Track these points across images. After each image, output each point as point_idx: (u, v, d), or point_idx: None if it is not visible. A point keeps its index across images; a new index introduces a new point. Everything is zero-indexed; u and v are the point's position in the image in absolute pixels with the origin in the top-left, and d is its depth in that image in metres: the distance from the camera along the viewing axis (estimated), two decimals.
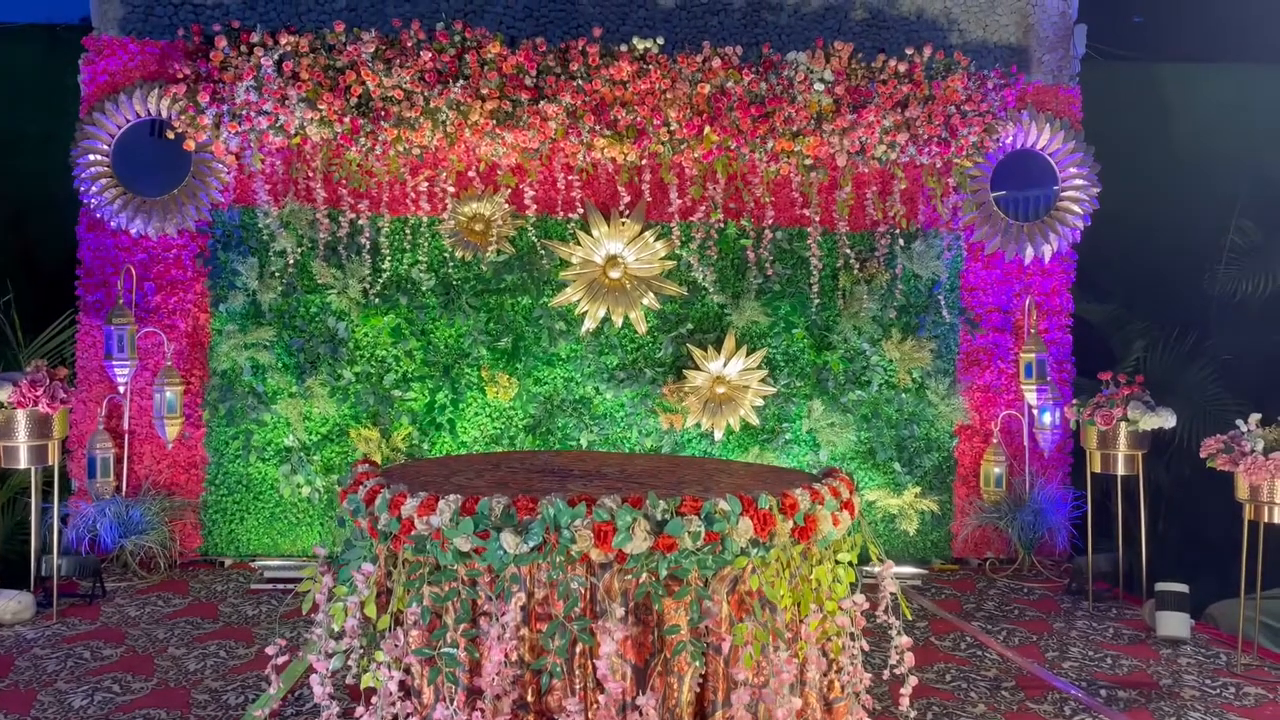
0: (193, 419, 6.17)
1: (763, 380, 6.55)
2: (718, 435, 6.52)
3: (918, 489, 6.59)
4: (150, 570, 5.85)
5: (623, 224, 6.45)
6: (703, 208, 6.45)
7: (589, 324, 6.46)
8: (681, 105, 6.06)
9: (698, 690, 2.86)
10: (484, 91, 5.91)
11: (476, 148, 6.18)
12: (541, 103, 5.95)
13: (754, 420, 6.56)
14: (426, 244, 6.34)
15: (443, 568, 2.81)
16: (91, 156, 6.13)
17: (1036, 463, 6.65)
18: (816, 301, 6.56)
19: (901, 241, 6.61)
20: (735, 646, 2.78)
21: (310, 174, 6.18)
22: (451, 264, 6.36)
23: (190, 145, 5.99)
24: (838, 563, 2.94)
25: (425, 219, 6.34)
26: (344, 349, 6.28)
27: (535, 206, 6.32)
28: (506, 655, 2.62)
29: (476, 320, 6.38)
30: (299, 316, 6.27)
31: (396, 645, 2.76)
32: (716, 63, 6.05)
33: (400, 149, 6.05)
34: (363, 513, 3.02)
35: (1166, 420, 5.46)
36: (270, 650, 3.17)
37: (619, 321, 6.50)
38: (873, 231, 6.62)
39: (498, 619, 2.65)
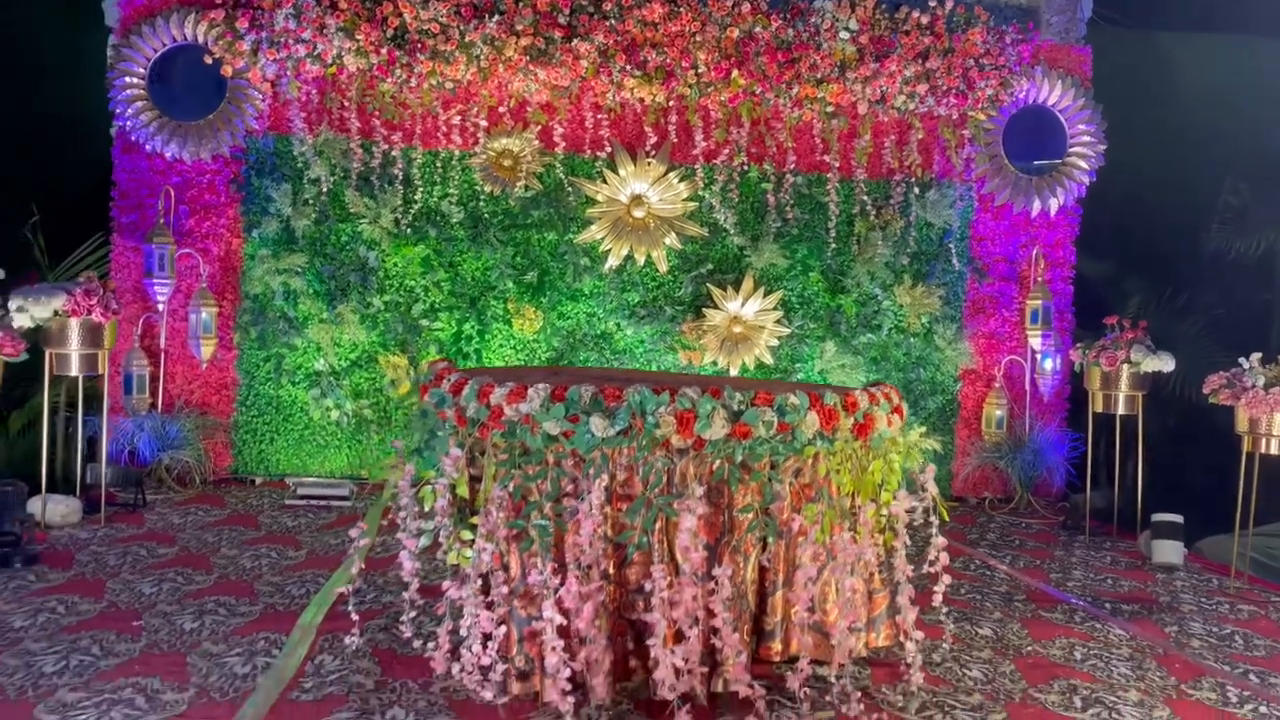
0: (224, 341, 6.32)
1: (778, 321, 6.78)
2: (733, 373, 6.75)
3: (922, 429, 6.85)
4: (185, 485, 6.02)
5: (648, 164, 6.62)
6: (726, 151, 6.64)
7: (612, 261, 6.65)
8: (710, 49, 6.22)
9: (759, 571, 3.11)
10: (518, 28, 6.04)
11: (509, 84, 6.31)
12: (574, 41, 6.10)
13: (768, 359, 6.80)
14: (457, 177, 6.48)
15: (530, 451, 3.02)
16: (127, 79, 6.20)
17: (1036, 406, 6.95)
18: (833, 246, 6.78)
19: (917, 190, 6.83)
20: (795, 532, 3.03)
21: (345, 104, 6.29)
22: (481, 198, 6.51)
23: (227, 71, 6.08)
24: (890, 461, 3.18)
25: (456, 153, 6.47)
26: (374, 278, 6.43)
27: (564, 144, 6.48)
28: (594, 529, 2.85)
29: (503, 254, 6.54)
30: (330, 244, 6.41)
31: (489, 521, 2.98)
32: (746, 7, 6.21)
33: (434, 82, 6.18)
34: (449, 403, 3.22)
35: (1166, 364, 5.75)
36: (354, 532, 3.38)
37: (641, 260, 6.69)
38: (889, 180, 6.84)
39: (586, 496, 2.87)
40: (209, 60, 6.06)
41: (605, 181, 6.61)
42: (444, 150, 6.46)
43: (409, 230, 6.43)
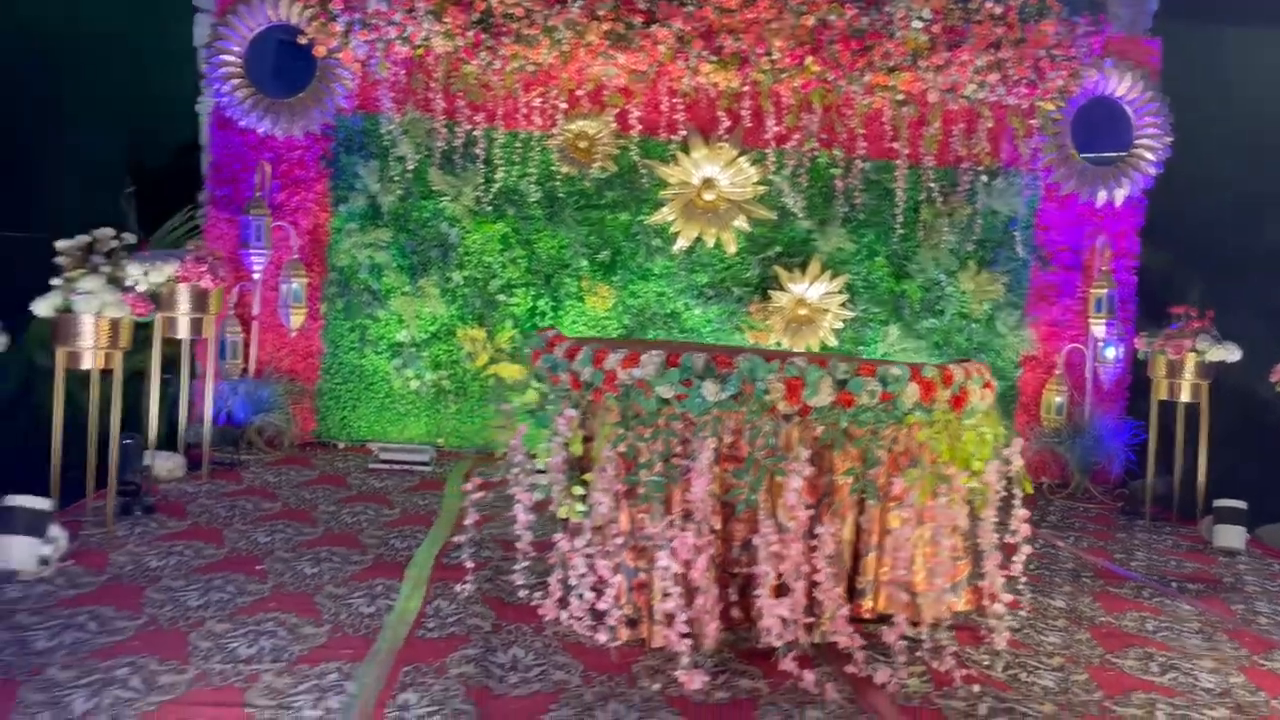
0: (311, 311, 6.59)
1: (842, 304, 6.93)
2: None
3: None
4: (274, 447, 6.30)
5: (720, 148, 6.79)
6: (796, 136, 6.78)
7: (682, 242, 6.84)
8: (785, 35, 6.37)
9: (854, 532, 3.30)
10: (599, 12, 6.23)
11: (588, 68, 6.50)
12: (653, 26, 6.27)
13: (832, 342, 6.95)
14: (536, 158, 6.68)
15: (642, 413, 3.23)
16: (224, 58, 6.47)
17: (1096, 394, 7.06)
18: (899, 232, 6.92)
19: (984, 178, 6.94)
20: (891, 496, 3.21)
21: (430, 85, 6.51)
22: (557, 179, 6.72)
23: (320, 51, 6.32)
24: (981, 432, 3.35)
25: (535, 134, 6.67)
26: (454, 253, 6.66)
27: (639, 127, 6.67)
28: (705, 487, 3.05)
29: (578, 233, 6.75)
30: (413, 220, 6.65)
31: (604, 478, 3.19)
32: None
33: (516, 65, 6.38)
34: (562, 368, 3.43)
35: (1231, 354, 5.85)
36: (468, 486, 3.62)
37: (710, 242, 6.87)
38: (956, 167, 6.95)
39: (697, 456, 3.08)
40: (303, 40, 6.31)
41: (678, 164, 6.78)
42: (523, 131, 6.67)
43: (489, 208, 6.65)
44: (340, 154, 6.62)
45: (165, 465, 5.34)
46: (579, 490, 3.38)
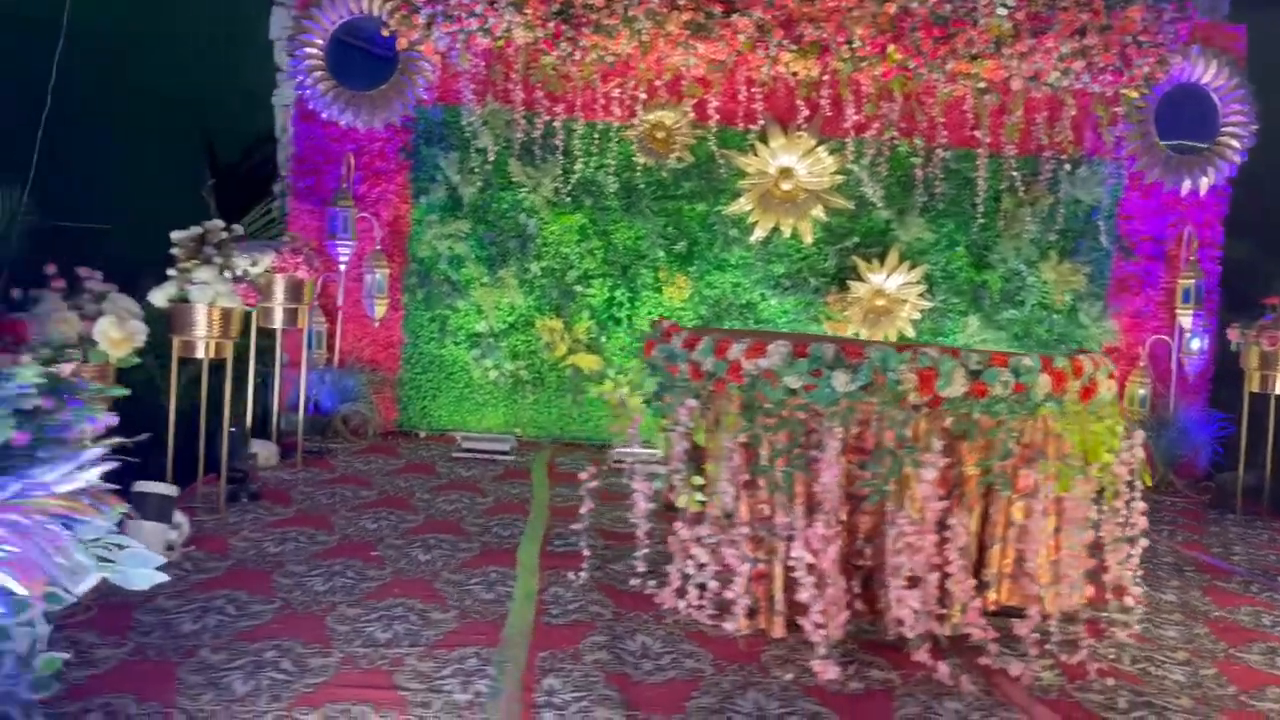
0: (391, 301, 6.65)
1: (920, 295, 6.87)
2: None
3: None
4: (359, 436, 6.38)
5: (799, 137, 6.75)
6: (876, 125, 6.73)
7: (759, 233, 6.82)
8: (866, 23, 6.32)
9: (979, 524, 3.28)
10: (680, 2, 6.22)
11: (666, 58, 6.49)
12: (733, 16, 6.25)
13: (909, 332, 6.90)
14: (614, 149, 6.69)
15: (766, 404, 3.22)
16: (307, 50, 6.54)
17: (1180, 386, 6.95)
18: (979, 222, 6.85)
19: (1068, 167, 6.85)
20: (1018, 488, 3.19)
21: (510, 76, 6.54)
22: (635, 169, 6.72)
23: (403, 43, 6.37)
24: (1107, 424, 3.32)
25: (614, 125, 6.68)
26: (532, 244, 6.70)
27: (717, 117, 6.65)
28: (834, 478, 3.05)
29: (655, 224, 6.76)
30: (492, 212, 6.69)
31: (730, 468, 3.20)
32: None
33: (595, 56, 6.39)
34: (682, 358, 3.44)
35: None
36: (583, 475, 3.65)
37: (787, 232, 6.84)
38: (1038, 156, 6.86)
39: (825, 447, 3.07)
40: (386, 33, 6.36)
41: (755, 154, 6.76)
42: (601, 122, 6.67)
43: (567, 199, 6.68)
44: (420, 146, 6.67)
45: (262, 454, 5.42)
46: (698, 480, 3.39)
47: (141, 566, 2.03)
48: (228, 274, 4.22)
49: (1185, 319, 6.80)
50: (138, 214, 6.65)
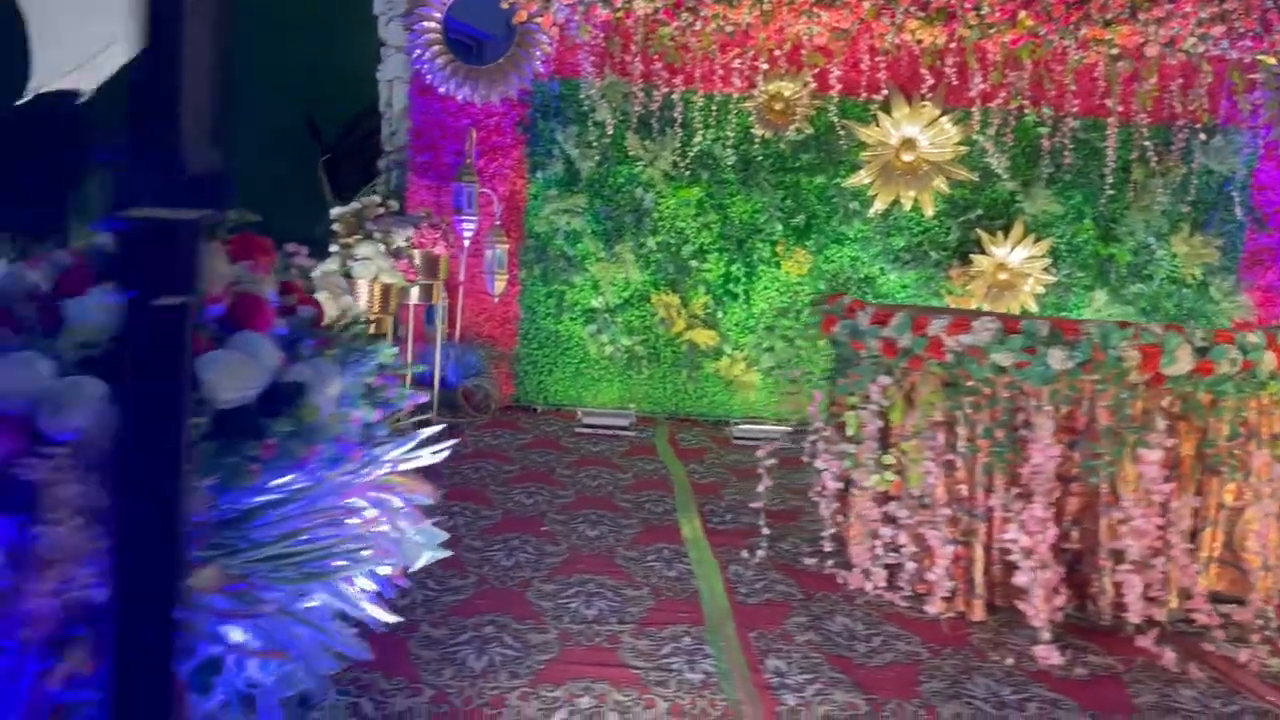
0: (509, 277, 6.64)
1: (1045, 269, 6.70)
2: None
3: None
4: (480, 411, 6.40)
5: (923, 107, 6.59)
6: (1003, 94, 6.54)
7: (879, 205, 6.68)
8: None
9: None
10: None
11: (788, 26, 6.35)
12: None
13: (1033, 307, 6.73)
14: (732, 121, 6.58)
15: (971, 382, 3.13)
16: (425, 25, 6.50)
17: None
18: (1108, 193, 6.64)
19: (1202, 136, 6.61)
20: (1242, 470, 3.07)
21: (628, 48, 6.45)
22: (753, 141, 6.61)
23: (522, 16, 6.31)
24: None
25: (732, 96, 6.57)
26: (648, 219, 6.63)
27: (838, 87, 6.51)
28: (1047, 459, 2.95)
29: (772, 197, 6.65)
30: (608, 186, 6.63)
31: (931, 446, 3.12)
32: None
33: (716, 25, 6.27)
34: (871, 334, 3.36)
35: None
36: (760, 453, 3.59)
37: (908, 204, 6.70)
38: (1170, 125, 6.63)
39: (1040, 426, 2.98)
40: (505, 5, 6.29)
41: (877, 125, 6.61)
42: (720, 94, 6.57)
43: (685, 173, 6.59)
44: (537, 120, 6.62)
45: None
46: (889, 459, 3.32)
47: (429, 542, 2.01)
48: (382, 249, 4.22)
49: None
50: (241, 190, 6.70)
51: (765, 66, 6.48)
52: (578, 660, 2.66)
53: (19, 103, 2.86)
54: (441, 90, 6.56)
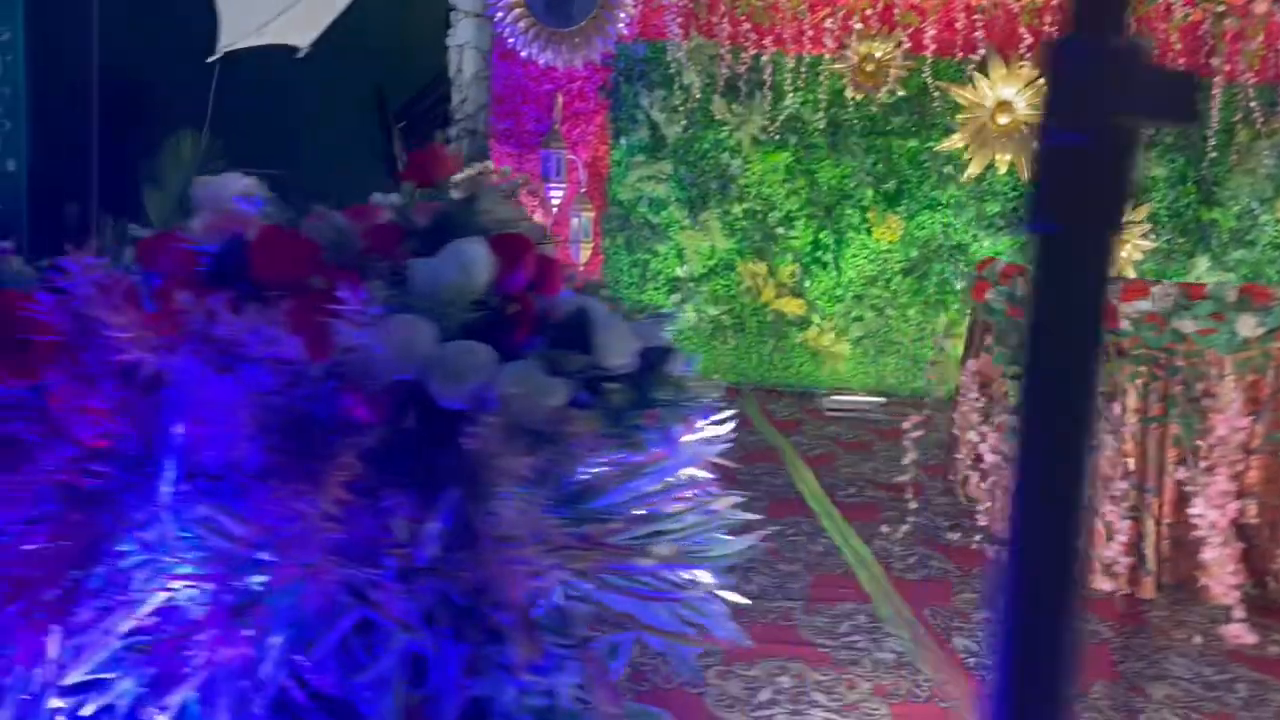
0: (593, 246, 6.53)
1: (1143, 235, 6.49)
2: None
3: None
4: None
5: (1021, 68, 6.37)
6: None
7: (973, 169, 6.49)
8: None
9: None
10: None
11: None
12: None
13: (1130, 274, 6.53)
14: (825, 83, 6.40)
15: (1131, 351, 3.00)
16: None
17: None
18: (1211, 156, 6.41)
19: None
20: None
21: (715, 8, 6.28)
22: (843, 104, 6.44)
23: None
24: None
25: (823, 57, 6.39)
26: (734, 185, 6.49)
27: (933, 47, 6.30)
28: (1233, 430, 2.82)
29: (862, 161, 6.48)
30: (693, 152, 6.48)
31: (1110, 418, 2.99)
32: None
33: None
34: None
35: None
36: (906, 424, 3.48)
37: (1003, 169, 6.50)
38: (1276, 85, 6.38)
39: (1227, 396, 2.84)
40: None
41: (973, 87, 6.41)
42: (809, 55, 6.39)
43: (775, 137, 6.43)
44: (620, 84, 6.47)
45: None
46: None
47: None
48: None
49: None
50: (311, 157, 6.62)
51: (859, 26, 6.28)
52: (761, 638, 2.57)
53: (211, 59, 2.77)
54: (523, 54, 6.42)
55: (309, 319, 1.14)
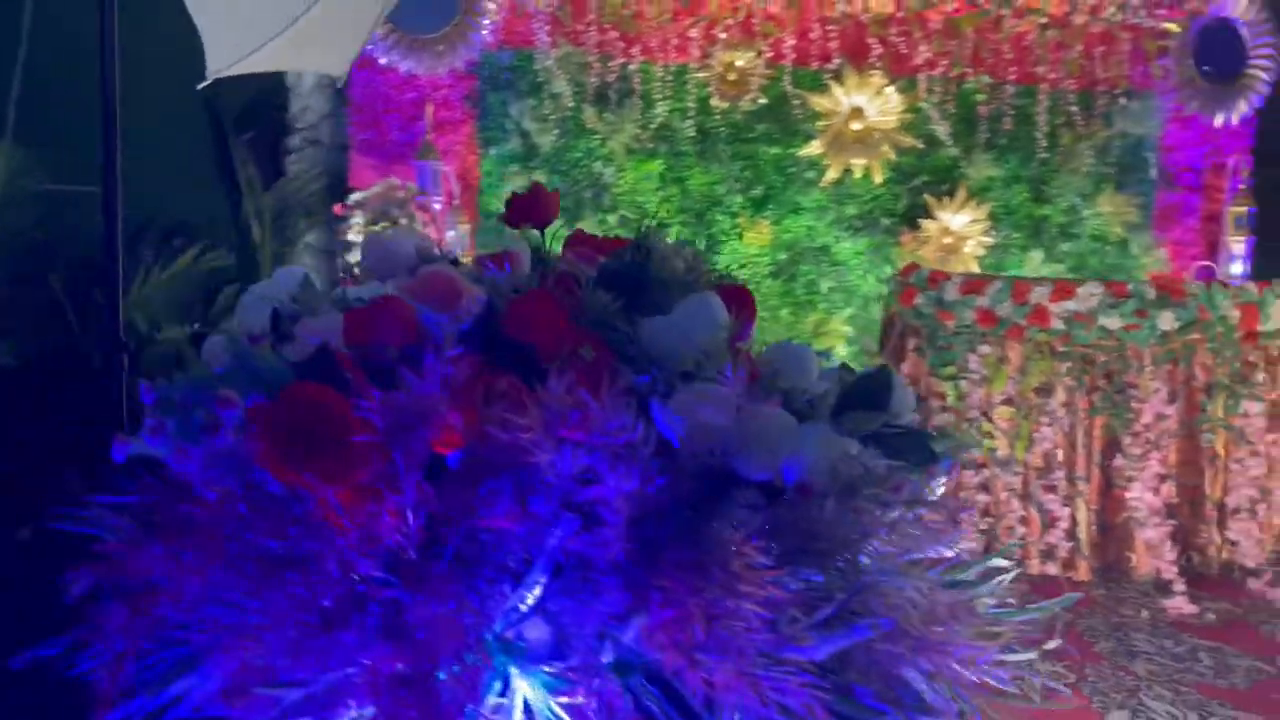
0: None
1: (985, 232, 6.98)
2: None
3: None
4: None
5: (870, 77, 6.69)
6: (944, 62, 6.73)
7: (832, 174, 6.76)
8: None
9: None
10: None
11: None
12: None
13: (974, 268, 7.01)
14: (691, 92, 6.48)
15: (1057, 349, 3.22)
16: None
17: None
18: (1041, 157, 6.97)
19: (1122, 100, 7.02)
20: None
21: (581, 17, 6.23)
22: (709, 112, 6.54)
23: None
24: None
25: (687, 66, 6.47)
26: (607, 194, 6.47)
27: (791, 56, 6.52)
28: (1159, 414, 3.07)
29: (731, 168, 6.62)
30: (564, 161, 6.41)
31: (1047, 413, 3.18)
32: None
33: None
34: (967, 305, 3.39)
35: None
36: None
37: (858, 173, 6.81)
38: (1093, 91, 7.01)
39: (1148, 386, 3.09)
40: None
41: (828, 94, 6.67)
42: (676, 64, 6.45)
43: (643, 146, 6.46)
44: (487, 93, 6.31)
45: None
46: (988, 427, 3.37)
47: None
48: None
49: (1238, 246, 7.12)
50: (137, 171, 6.08)
51: (723, 35, 6.40)
52: None
53: (201, 85, 2.45)
54: (383, 61, 6.14)
55: (621, 396, 1.03)
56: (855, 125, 6.73)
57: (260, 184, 6.57)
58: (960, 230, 6.91)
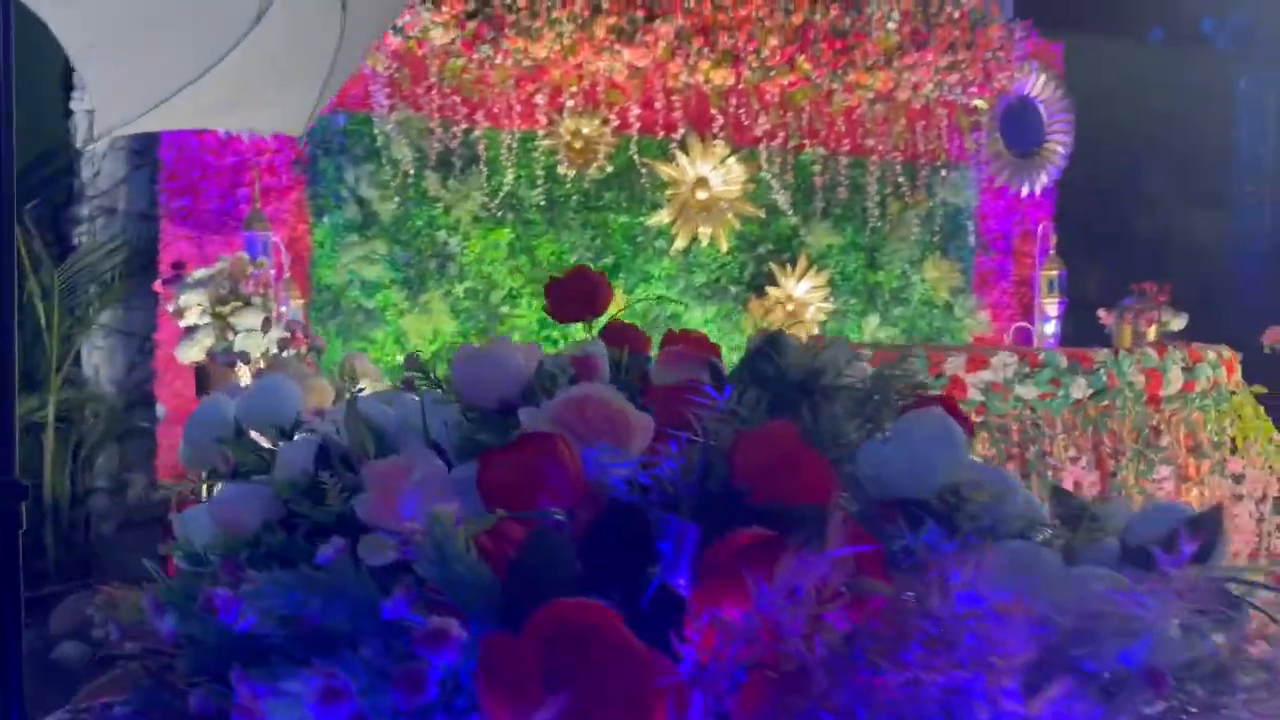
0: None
1: (825, 298, 7.13)
2: None
3: None
4: None
5: (714, 147, 6.73)
6: (782, 134, 6.87)
7: (680, 243, 6.71)
8: (775, 33, 6.44)
9: None
10: (604, 5, 5.97)
11: (588, 63, 6.19)
12: (656, 22, 6.11)
13: (817, 332, 7.13)
14: (536, 160, 6.27)
15: (978, 421, 3.18)
16: None
17: None
18: (872, 226, 7.22)
19: (944, 172, 7.41)
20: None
21: (421, 80, 5.92)
22: (557, 180, 6.35)
23: None
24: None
25: (533, 132, 6.26)
26: (453, 264, 6.11)
27: (638, 125, 6.45)
28: (1078, 483, 3.08)
29: (580, 237, 6.43)
30: (406, 230, 6.02)
31: None
32: None
33: (514, 60, 5.96)
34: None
35: (1183, 323, 6.71)
36: None
37: (705, 241, 6.80)
38: (916, 162, 7.37)
39: (1060, 453, 3.09)
40: None
41: (675, 163, 6.65)
42: (521, 130, 6.23)
43: (491, 214, 6.17)
44: (319, 157, 5.84)
45: None
46: None
47: None
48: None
49: (1051, 307, 7.63)
50: None
51: (570, 103, 6.24)
52: None
53: (86, 146, 1.92)
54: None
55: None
56: (701, 194, 6.73)
57: (50, 258, 5.77)
58: (802, 297, 7.01)
